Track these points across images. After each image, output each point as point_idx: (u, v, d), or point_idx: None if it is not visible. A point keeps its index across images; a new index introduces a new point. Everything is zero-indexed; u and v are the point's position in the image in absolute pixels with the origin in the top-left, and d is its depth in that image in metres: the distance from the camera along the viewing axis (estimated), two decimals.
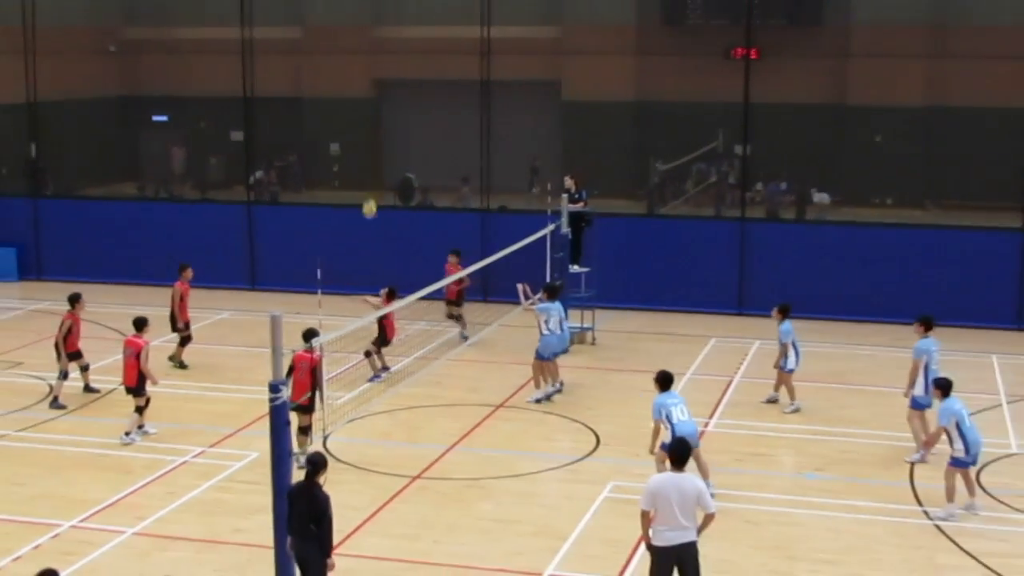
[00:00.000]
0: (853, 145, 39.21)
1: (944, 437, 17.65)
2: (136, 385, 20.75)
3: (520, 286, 24.14)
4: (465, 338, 26.19)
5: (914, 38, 37.66)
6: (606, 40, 39.80)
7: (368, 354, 23.94)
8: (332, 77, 42.73)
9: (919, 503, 18.00)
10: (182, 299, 25.45)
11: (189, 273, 25.79)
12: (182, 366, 25.28)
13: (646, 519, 13.44)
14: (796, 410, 22.10)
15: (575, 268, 27.47)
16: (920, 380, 19.76)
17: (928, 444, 18.32)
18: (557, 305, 23.23)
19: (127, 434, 20.48)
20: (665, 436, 16.99)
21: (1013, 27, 31.30)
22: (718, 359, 26.39)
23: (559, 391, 23.08)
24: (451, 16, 38.92)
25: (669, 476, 13.48)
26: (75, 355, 23.23)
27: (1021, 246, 28.78)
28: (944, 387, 17.84)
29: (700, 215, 35.43)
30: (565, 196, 27.16)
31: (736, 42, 34.01)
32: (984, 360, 26.19)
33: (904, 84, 38.04)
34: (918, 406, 19.80)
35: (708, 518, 13.50)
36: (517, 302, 24.59)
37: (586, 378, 24.43)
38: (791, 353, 22.15)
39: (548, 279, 26.19)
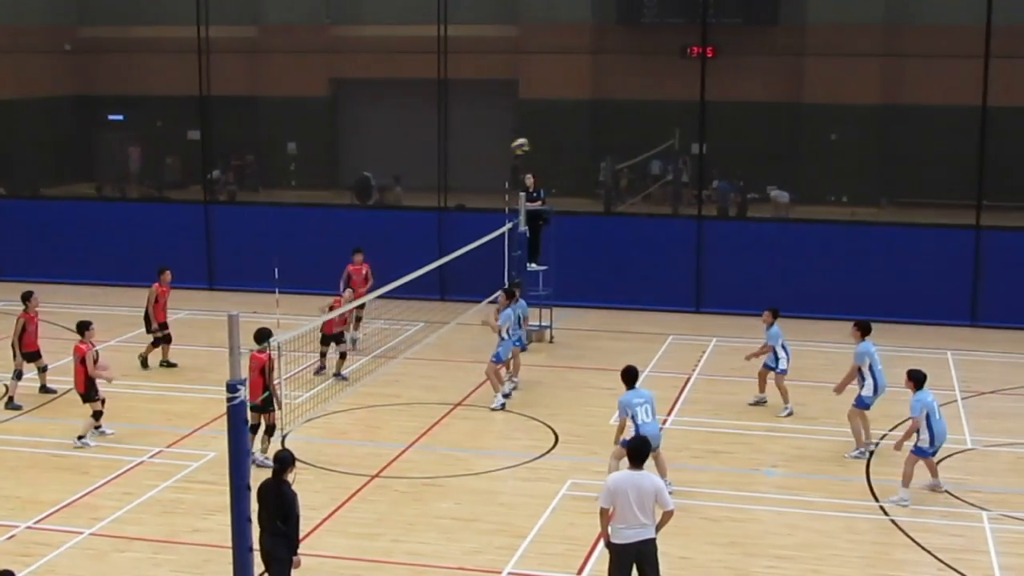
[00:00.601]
0: (809, 143, 39.44)
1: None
2: (86, 390, 20.55)
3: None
4: (353, 341, 26.23)
5: (869, 37, 37.91)
6: (563, 39, 39.86)
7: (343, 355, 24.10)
8: (289, 76, 42.61)
9: (875, 499, 18.16)
10: (157, 300, 25.29)
11: (167, 276, 25.65)
12: (169, 364, 25.25)
13: (605, 517, 13.48)
14: (790, 414, 22.03)
15: (532, 266, 27.53)
16: (869, 381, 19.93)
17: (907, 436, 18.18)
18: (521, 304, 23.40)
19: (80, 438, 20.27)
20: (629, 435, 16.94)
21: (966, 26, 31.51)
22: (676, 357, 26.50)
23: (516, 387, 23.18)
24: (408, 15, 38.91)
25: (627, 474, 13.51)
26: (33, 355, 23.12)
27: (975, 244, 29.04)
28: (919, 380, 18.14)
29: (657, 213, 35.56)
30: (523, 195, 27.21)
31: (692, 41, 34.14)
32: (939, 357, 26.40)
33: (859, 83, 38.29)
34: (862, 404, 20.00)
35: (666, 516, 13.53)
36: (475, 300, 24.66)
37: (544, 376, 24.50)
38: (782, 355, 22.15)
39: (506, 278, 26.25)
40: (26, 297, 23.18)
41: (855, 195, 38.09)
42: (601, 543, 14.14)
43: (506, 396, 22.65)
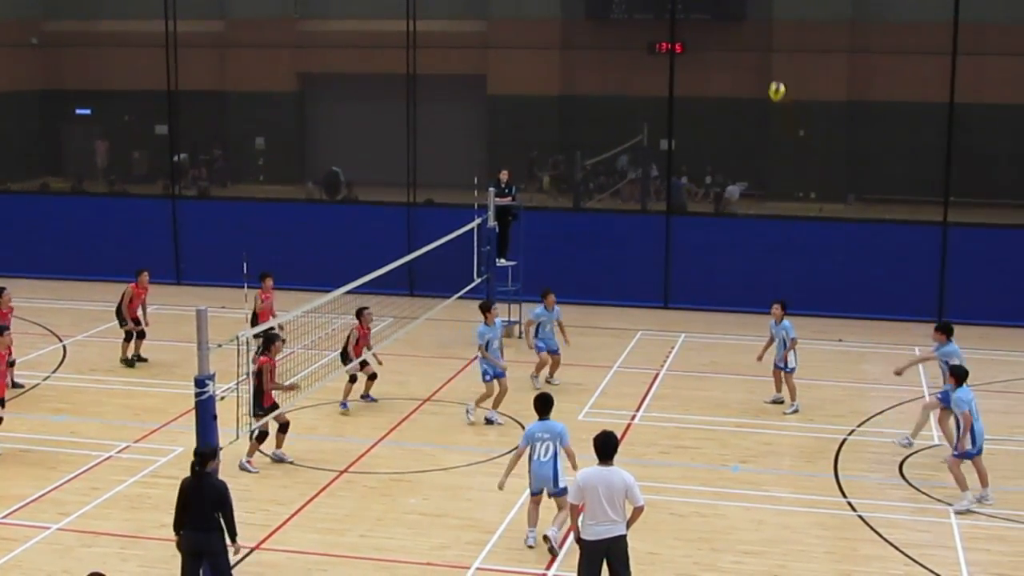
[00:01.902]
0: (776, 139, 39.56)
1: (952, 427, 17.72)
2: None
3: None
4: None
5: (835, 34, 38.05)
6: (531, 35, 39.86)
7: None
8: (257, 71, 42.47)
9: (843, 494, 18.23)
10: (131, 300, 24.94)
11: (145, 278, 25.33)
12: (140, 359, 25.04)
13: (575, 512, 13.47)
14: (796, 411, 21.94)
15: (502, 262, 27.56)
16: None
17: (964, 435, 17.48)
18: (497, 325, 22.09)
19: None
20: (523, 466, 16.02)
21: (933, 23, 31.67)
22: (644, 352, 26.55)
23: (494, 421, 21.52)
24: (376, 10, 38.81)
25: (596, 470, 13.47)
26: None
27: (942, 240, 29.17)
28: (960, 376, 17.84)
29: (626, 209, 35.62)
30: (492, 190, 27.21)
31: (660, 37, 34.18)
32: (906, 353, 26.48)
33: (826, 79, 38.44)
34: (947, 402, 19.49)
35: (637, 512, 13.53)
36: (443, 296, 24.65)
37: (513, 372, 24.40)
38: (792, 353, 22.01)
39: (475, 273, 26.26)
40: None
41: (823, 191, 38.24)
42: (570, 538, 14.18)
43: (488, 421, 21.44)
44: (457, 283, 25.99)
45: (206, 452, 14.12)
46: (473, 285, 26.32)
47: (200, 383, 14.55)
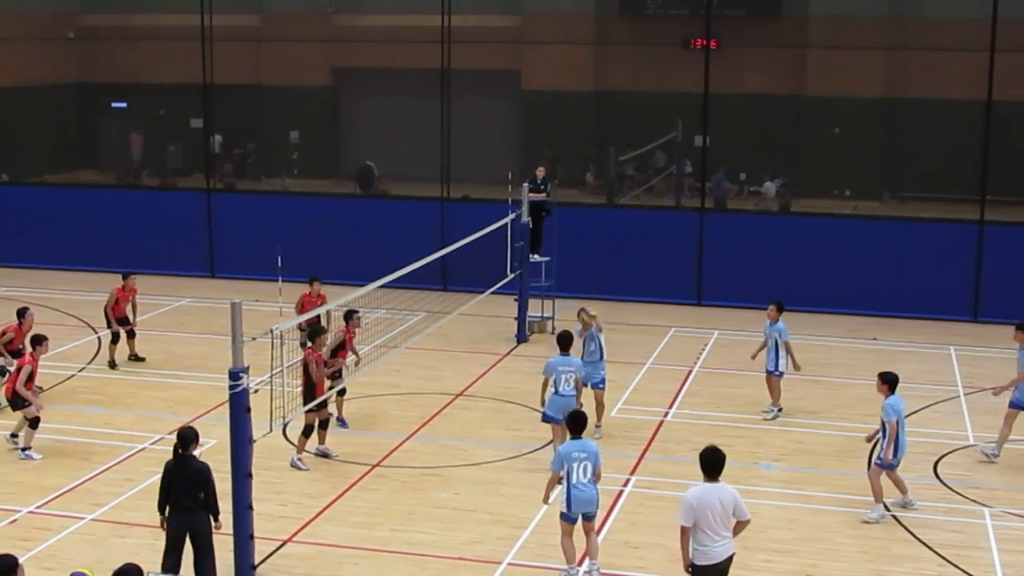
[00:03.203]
0: (812, 136, 39.39)
1: (880, 435, 17.39)
2: (12, 397, 19.54)
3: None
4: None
5: (872, 30, 37.84)
6: (565, 29, 39.80)
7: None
8: (291, 65, 42.56)
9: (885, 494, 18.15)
10: (117, 303, 24.55)
11: (132, 282, 24.87)
12: (138, 359, 24.89)
13: (685, 536, 12.80)
14: (776, 416, 21.55)
15: (535, 257, 27.52)
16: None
17: (889, 442, 16.96)
18: (575, 361, 19.11)
19: (23, 450, 19.50)
20: (562, 500, 14.99)
21: (971, 19, 31.46)
22: (677, 349, 26.49)
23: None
24: (411, 5, 38.83)
25: (708, 487, 12.80)
26: (17, 353, 22.06)
27: (978, 239, 29.00)
28: (892, 383, 17.20)
29: (659, 205, 35.52)
30: (526, 185, 27.17)
31: (695, 32, 34.11)
32: (941, 352, 26.39)
33: (863, 75, 38.23)
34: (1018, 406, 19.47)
35: (743, 525, 13.00)
36: (476, 291, 24.63)
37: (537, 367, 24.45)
38: (782, 354, 21.52)
39: (508, 269, 26.24)
40: (20, 314, 22.49)
41: (857, 189, 38.05)
42: (602, 534, 14.05)
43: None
44: (490, 278, 25.98)
45: (187, 435, 14.33)
46: (506, 281, 26.31)
47: (234, 376, 14.58)
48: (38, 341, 20.04)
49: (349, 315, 20.84)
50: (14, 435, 19.60)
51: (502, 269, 26.31)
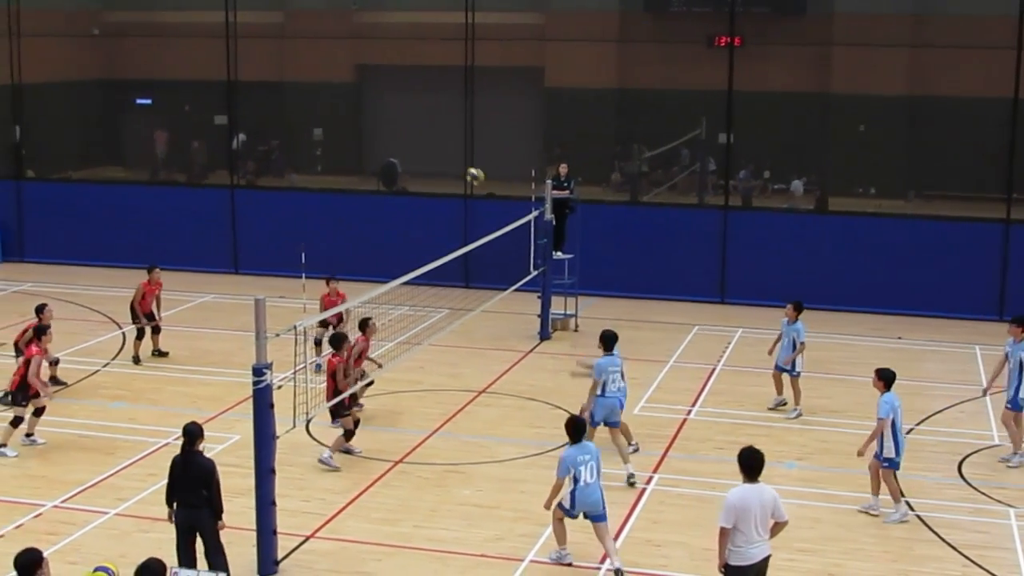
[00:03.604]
0: (836, 134, 39.25)
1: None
2: (15, 390, 19.58)
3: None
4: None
5: (897, 27, 37.67)
6: (589, 27, 39.74)
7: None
8: (315, 62, 42.59)
9: (901, 493, 18.04)
10: (144, 297, 24.61)
11: (157, 275, 24.90)
12: (161, 354, 24.93)
13: (724, 537, 12.68)
14: (798, 415, 21.53)
15: (558, 255, 27.50)
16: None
17: (871, 440, 17.03)
18: (619, 360, 19.03)
19: (27, 435, 19.65)
20: (564, 495, 15.20)
21: (996, 16, 31.33)
22: (700, 347, 26.44)
23: (636, 449, 19.54)
24: (434, 1, 38.81)
25: (748, 488, 12.71)
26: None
27: (1003, 237, 28.88)
28: (888, 379, 17.16)
29: (683, 203, 35.46)
30: (550, 182, 27.15)
31: (719, 30, 34.02)
32: (967, 351, 26.28)
33: (888, 73, 38.06)
34: (1017, 407, 19.29)
35: (781, 526, 12.97)
36: (499, 288, 24.62)
37: (568, 365, 24.37)
38: (800, 355, 21.48)
39: (531, 266, 26.23)
40: (39, 310, 22.60)
41: (882, 187, 37.91)
42: (624, 532, 14.04)
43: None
44: (513, 276, 25.98)
45: (193, 431, 14.36)
46: (529, 278, 26.29)
47: (258, 372, 14.62)
48: (43, 331, 20.12)
49: (364, 323, 20.81)
50: (29, 434, 19.65)
51: (525, 266, 26.31)
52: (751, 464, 12.78)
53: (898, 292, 29.24)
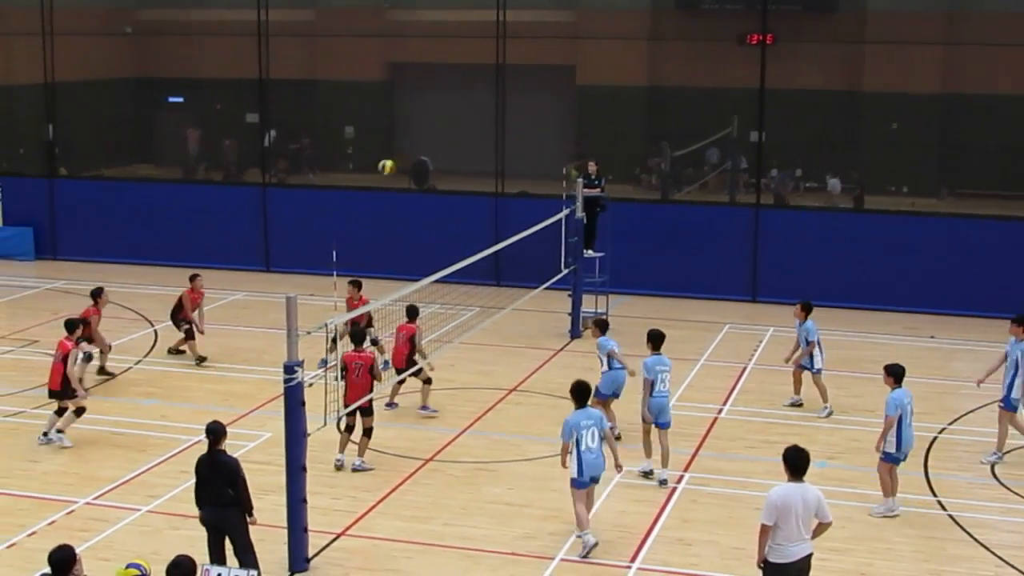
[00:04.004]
0: (869, 132, 39.08)
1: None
2: (60, 389, 19.66)
3: None
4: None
5: (930, 25, 37.47)
6: (621, 25, 39.66)
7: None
8: (346, 60, 42.63)
9: (933, 493, 18.00)
10: (185, 306, 24.44)
11: (199, 283, 24.77)
12: (181, 358, 24.87)
13: (765, 535, 12.68)
14: (830, 414, 21.51)
15: (589, 253, 27.47)
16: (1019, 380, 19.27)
17: (883, 437, 17.03)
18: (668, 361, 19.07)
19: (59, 431, 19.64)
20: (573, 467, 15.81)
21: None
22: (731, 346, 26.39)
23: (618, 436, 19.45)
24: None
25: (792, 487, 12.70)
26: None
27: None
28: (897, 375, 17.16)
29: (714, 201, 35.37)
30: (580, 181, 27.14)
31: (750, 28, 33.89)
32: (1000, 351, 26.01)
33: (920, 71, 37.84)
34: (1011, 407, 19.37)
35: (825, 527, 12.92)
36: (530, 287, 24.62)
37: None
38: (817, 352, 21.55)
39: (562, 264, 26.22)
40: (96, 294, 22.80)
41: (915, 185, 37.70)
42: (655, 531, 14.02)
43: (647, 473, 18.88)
44: (544, 274, 25.97)
45: (218, 430, 14.37)
46: (560, 276, 26.29)
47: (289, 369, 14.65)
48: (76, 325, 20.33)
49: (414, 311, 21.17)
50: (47, 433, 19.74)
51: (556, 265, 26.30)
52: (796, 463, 12.80)
53: (930, 291, 29.10)
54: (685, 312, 29.11)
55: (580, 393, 16.18)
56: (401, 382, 21.22)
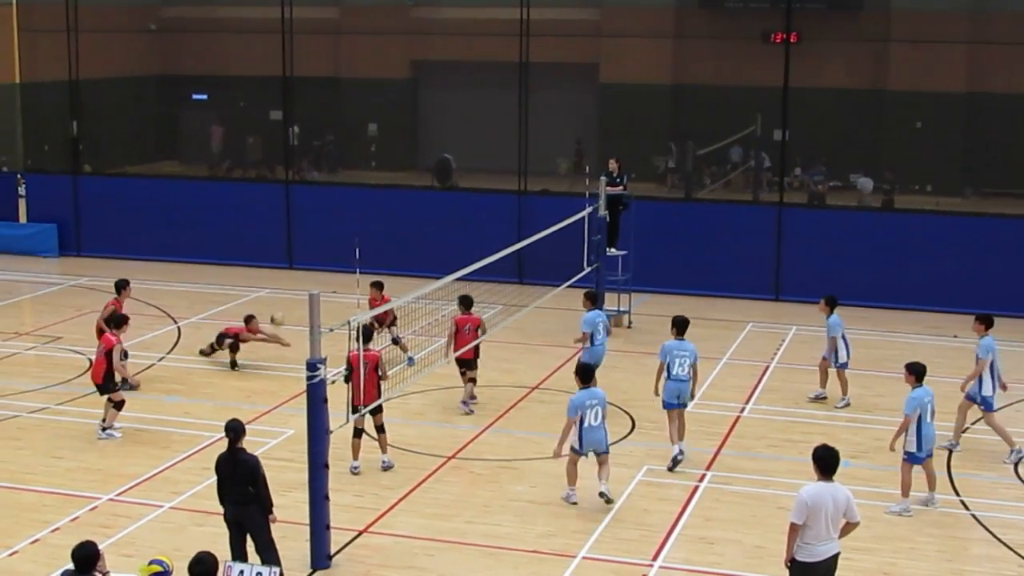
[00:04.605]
0: (893, 131, 38.97)
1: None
2: (103, 382, 19.84)
3: None
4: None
5: (955, 23, 37.37)
6: (644, 23, 39.66)
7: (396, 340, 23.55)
8: (370, 58, 42.72)
9: (956, 492, 17.94)
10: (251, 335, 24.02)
11: (255, 325, 24.07)
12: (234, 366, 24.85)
13: (794, 533, 12.68)
14: (847, 404, 21.71)
15: (611, 251, 27.45)
16: (987, 380, 19.43)
17: (897, 436, 17.19)
18: (690, 346, 19.38)
19: (104, 429, 19.86)
20: (574, 438, 17.07)
21: None
22: (754, 345, 26.34)
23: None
24: None
25: (823, 486, 12.68)
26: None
27: None
28: (919, 373, 17.19)
29: (737, 200, 35.31)
30: (603, 179, 27.12)
31: (775, 26, 33.84)
32: (1022, 350, 26.02)
33: (945, 70, 37.75)
34: (989, 407, 19.43)
35: (852, 527, 12.91)
36: (552, 285, 24.61)
37: (621, 361, 24.38)
38: (841, 346, 21.67)
39: (585, 262, 26.20)
40: (121, 285, 22.89)
41: (939, 184, 37.59)
42: (677, 529, 13.99)
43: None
44: (566, 272, 25.94)
45: (237, 428, 14.42)
46: (583, 274, 26.26)
47: (311, 367, 14.67)
48: (122, 320, 20.28)
49: (467, 300, 21.67)
50: (105, 428, 19.84)
51: (579, 263, 26.28)
52: (828, 461, 12.76)
53: (954, 290, 28.98)
54: (708, 311, 29.05)
55: (585, 373, 17.50)
56: (472, 380, 21.58)
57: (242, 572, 12.33)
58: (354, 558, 15.49)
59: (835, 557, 12.73)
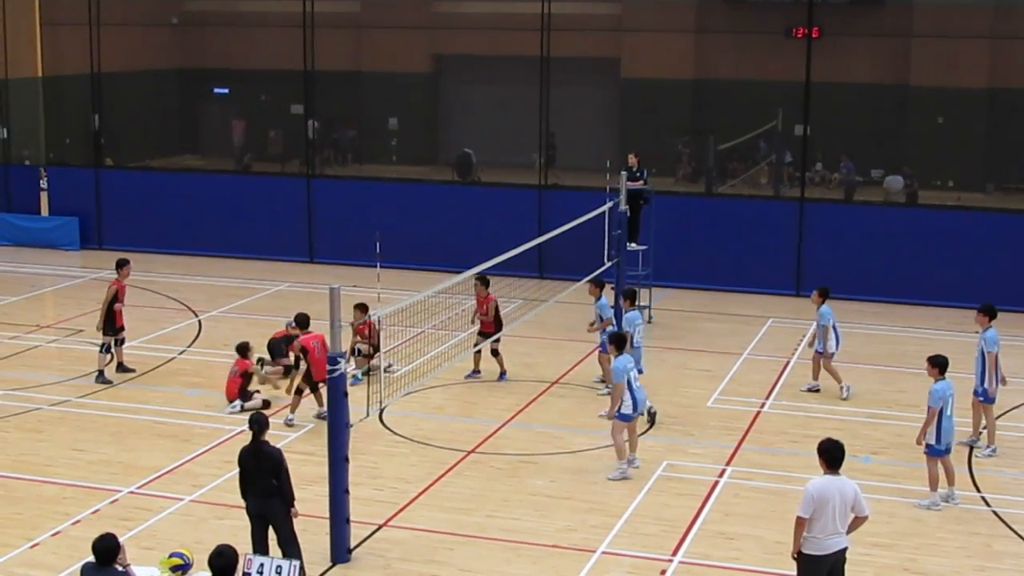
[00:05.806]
0: (915, 126, 38.82)
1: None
2: (239, 397, 20.88)
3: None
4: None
5: (978, 18, 37.21)
6: (666, 17, 39.58)
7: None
8: (391, 52, 42.71)
9: (977, 489, 17.89)
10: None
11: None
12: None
13: (801, 527, 12.66)
14: (848, 389, 21.89)
15: (632, 246, 27.38)
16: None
17: (925, 429, 17.02)
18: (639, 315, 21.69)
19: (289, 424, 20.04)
20: (626, 403, 17.94)
21: None
22: (775, 340, 26.28)
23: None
24: None
25: (829, 480, 12.63)
26: (116, 329, 22.48)
27: None
28: (942, 366, 17.17)
29: (758, 195, 35.23)
30: (624, 174, 27.07)
31: (797, 21, 33.73)
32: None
33: (967, 65, 37.58)
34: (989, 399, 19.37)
35: (861, 521, 12.89)
36: (573, 279, 24.60)
37: (641, 356, 24.33)
38: (831, 336, 21.89)
39: (605, 257, 26.16)
40: (120, 264, 22.91)
41: (961, 180, 37.43)
42: (697, 524, 13.98)
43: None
44: (587, 266, 25.90)
45: (261, 420, 14.40)
46: (603, 269, 26.21)
47: (332, 360, 14.70)
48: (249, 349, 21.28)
49: (484, 280, 22.39)
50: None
51: (599, 257, 26.23)
52: (832, 455, 12.72)
53: (976, 286, 28.82)
54: (728, 306, 29.01)
55: (620, 340, 18.54)
56: (495, 352, 22.74)
57: (262, 565, 12.33)
58: (374, 552, 15.51)
59: (843, 551, 12.72)
